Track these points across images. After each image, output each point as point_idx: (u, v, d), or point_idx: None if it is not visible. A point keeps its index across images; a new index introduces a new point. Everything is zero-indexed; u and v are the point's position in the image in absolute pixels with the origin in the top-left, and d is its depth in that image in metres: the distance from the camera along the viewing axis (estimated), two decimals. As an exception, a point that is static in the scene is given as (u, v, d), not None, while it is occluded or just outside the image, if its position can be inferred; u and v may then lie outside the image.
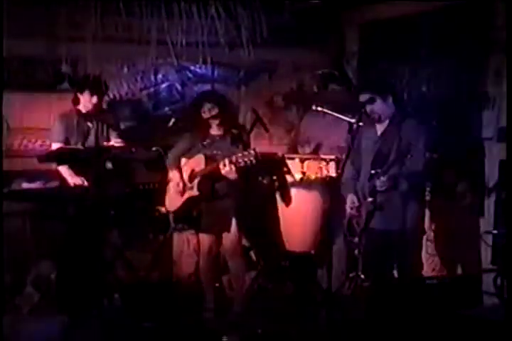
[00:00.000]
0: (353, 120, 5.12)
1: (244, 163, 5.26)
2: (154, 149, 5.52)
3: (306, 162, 6.27)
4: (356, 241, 5.47)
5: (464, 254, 5.86)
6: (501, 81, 5.54)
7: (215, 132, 5.65)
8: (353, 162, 5.32)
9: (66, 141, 5.93)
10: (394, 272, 5.45)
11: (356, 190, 5.34)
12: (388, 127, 5.25)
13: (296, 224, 6.24)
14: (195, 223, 5.73)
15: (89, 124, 5.98)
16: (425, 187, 5.56)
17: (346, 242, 6.00)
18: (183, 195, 5.62)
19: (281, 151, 6.67)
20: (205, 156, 5.54)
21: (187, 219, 5.72)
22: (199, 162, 5.56)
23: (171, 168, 5.68)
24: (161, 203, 5.80)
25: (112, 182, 5.74)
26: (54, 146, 5.96)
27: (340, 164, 5.19)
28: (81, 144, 5.92)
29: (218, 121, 5.58)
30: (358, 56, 7.18)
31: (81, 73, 6.39)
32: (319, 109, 5.87)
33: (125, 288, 5.72)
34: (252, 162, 5.22)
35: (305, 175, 6.23)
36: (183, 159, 5.69)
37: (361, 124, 5.04)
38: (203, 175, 5.51)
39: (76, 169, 5.88)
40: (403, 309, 4.99)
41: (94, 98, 5.91)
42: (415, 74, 6.43)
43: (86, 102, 5.94)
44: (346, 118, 5.50)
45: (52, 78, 6.56)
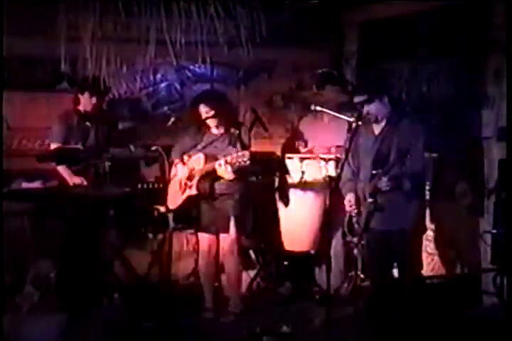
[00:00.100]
0: (352, 119, 5.12)
1: (238, 164, 5.28)
2: (153, 148, 5.52)
3: (305, 161, 6.27)
4: (356, 241, 5.48)
5: (464, 254, 5.87)
6: (501, 80, 5.54)
7: (215, 131, 5.66)
8: (352, 161, 5.32)
9: (65, 141, 5.94)
10: (394, 272, 5.45)
11: (356, 190, 5.34)
12: (386, 127, 5.24)
13: (295, 224, 6.24)
14: (194, 222, 5.74)
15: (88, 124, 5.99)
16: (425, 186, 5.57)
17: (345, 242, 6.01)
18: (184, 194, 5.64)
19: (280, 151, 6.67)
20: (204, 155, 5.55)
21: (186, 218, 5.73)
22: (198, 161, 5.57)
23: (174, 166, 5.69)
24: (160, 202, 5.80)
25: (111, 181, 5.75)
26: (53, 146, 5.97)
27: (339, 163, 5.18)
28: (81, 144, 5.93)
29: (216, 122, 5.59)
30: (357, 56, 7.18)
31: (80, 73, 6.38)
32: (318, 109, 5.87)
33: (125, 288, 5.72)
34: (246, 163, 5.24)
35: (304, 175, 6.23)
36: (185, 158, 5.70)
37: (360, 123, 5.04)
38: (202, 175, 5.52)
39: (75, 169, 5.89)
40: (403, 309, 4.99)
41: (93, 98, 5.92)
42: (415, 73, 6.43)
43: (86, 103, 5.95)
44: (345, 117, 5.50)
45: (51, 78, 6.57)
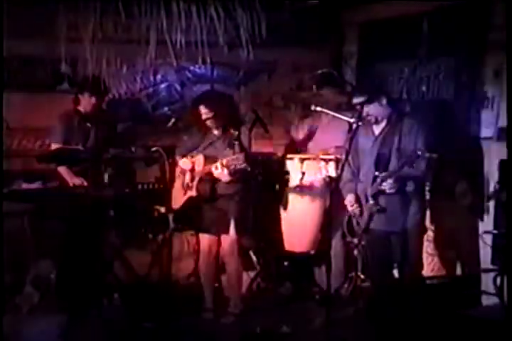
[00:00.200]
0: (352, 119, 5.12)
1: (234, 167, 5.29)
2: (154, 149, 5.52)
3: (306, 162, 6.26)
4: (356, 241, 5.48)
5: (464, 254, 5.86)
6: (500, 80, 5.53)
7: (216, 132, 5.66)
8: (352, 162, 5.32)
9: (66, 141, 5.94)
10: (394, 272, 5.45)
11: (356, 190, 5.33)
12: (386, 127, 5.24)
13: (295, 225, 6.24)
14: (194, 223, 5.74)
15: (88, 125, 5.99)
16: (425, 187, 5.57)
17: (345, 242, 6.01)
18: (185, 195, 5.64)
19: (280, 151, 6.66)
20: (204, 157, 5.55)
21: (186, 219, 5.72)
22: (199, 162, 5.57)
23: (179, 167, 5.70)
24: (161, 203, 5.80)
25: (112, 182, 5.75)
26: (53, 146, 5.97)
27: (339, 164, 5.18)
28: (81, 145, 5.93)
29: (215, 123, 5.59)
30: (357, 56, 7.18)
31: (80, 73, 6.38)
32: (318, 109, 5.87)
33: (125, 288, 5.72)
34: (241, 166, 5.25)
35: (304, 175, 6.22)
36: (188, 157, 5.71)
37: (360, 124, 5.04)
38: (201, 176, 5.52)
39: (75, 169, 5.89)
40: (403, 309, 4.99)
41: (93, 98, 5.92)
42: (414, 73, 6.43)
43: (85, 103, 5.95)
44: (345, 117, 5.49)
45: (51, 78, 6.57)
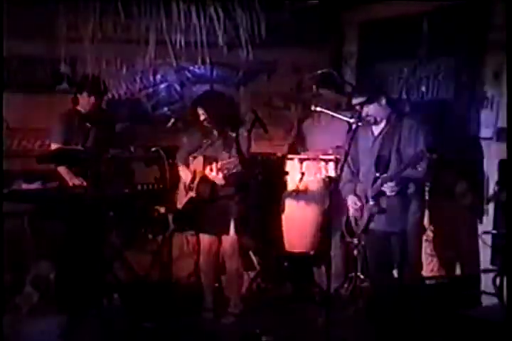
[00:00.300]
0: (352, 120, 5.12)
1: (227, 170, 5.30)
2: (153, 149, 5.52)
3: (305, 162, 6.26)
4: (355, 241, 5.48)
5: (464, 254, 5.86)
6: (500, 80, 5.54)
7: (215, 133, 5.66)
8: (352, 162, 5.32)
9: (65, 142, 5.94)
10: (393, 272, 5.45)
11: (356, 191, 5.33)
12: (385, 127, 5.25)
13: (295, 225, 6.24)
14: (194, 224, 5.74)
15: (88, 125, 5.98)
16: (425, 187, 5.57)
17: (345, 243, 6.01)
18: (187, 196, 5.65)
19: (280, 152, 6.66)
20: (203, 158, 5.55)
21: (187, 219, 5.72)
22: (199, 163, 5.57)
23: (181, 168, 5.70)
24: (160, 203, 5.80)
25: (111, 182, 5.75)
26: (53, 147, 5.97)
27: (339, 164, 5.18)
28: (80, 145, 5.93)
29: (212, 125, 5.59)
30: (357, 56, 7.18)
31: (80, 73, 6.38)
32: (318, 109, 5.87)
33: (125, 288, 5.73)
34: (233, 170, 5.26)
35: (304, 176, 6.22)
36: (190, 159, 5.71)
37: (360, 124, 5.04)
38: (201, 177, 5.52)
39: (75, 169, 5.89)
40: (402, 309, 4.99)
41: (92, 98, 5.92)
42: (414, 74, 6.43)
43: (84, 103, 5.95)
44: (345, 118, 5.49)
45: (51, 79, 6.57)
